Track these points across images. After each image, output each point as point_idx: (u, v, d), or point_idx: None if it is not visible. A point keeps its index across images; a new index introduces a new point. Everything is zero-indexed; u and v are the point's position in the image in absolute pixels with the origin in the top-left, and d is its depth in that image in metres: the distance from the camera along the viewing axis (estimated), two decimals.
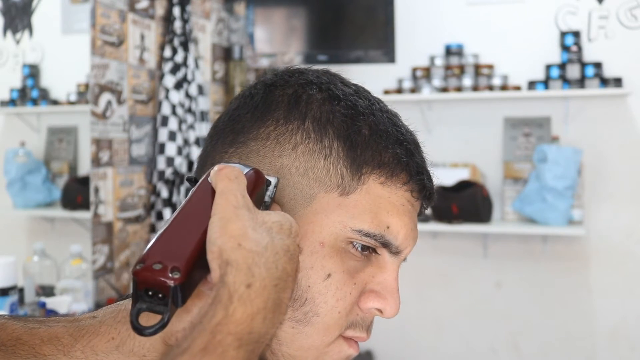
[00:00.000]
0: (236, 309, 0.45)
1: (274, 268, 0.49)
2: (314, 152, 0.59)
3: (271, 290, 0.48)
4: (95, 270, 2.11)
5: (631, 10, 3.03)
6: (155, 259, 0.48)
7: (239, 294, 0.46)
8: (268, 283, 0.48)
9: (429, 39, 3.28)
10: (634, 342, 3.05)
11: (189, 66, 2.47)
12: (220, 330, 0.44)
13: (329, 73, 0.65)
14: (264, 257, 0.48)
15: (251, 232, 0.49)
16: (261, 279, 0.47)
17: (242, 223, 0.49)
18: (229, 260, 0.48)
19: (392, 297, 0.60)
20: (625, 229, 3.06)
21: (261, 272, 0.48)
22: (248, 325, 0.45)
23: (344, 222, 0.58)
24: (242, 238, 0.49)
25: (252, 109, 0.62)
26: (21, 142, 2.20)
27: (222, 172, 0.53)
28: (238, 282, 0.47)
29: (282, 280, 0.49)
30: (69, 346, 0.55)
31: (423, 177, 0.62)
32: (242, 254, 0.48)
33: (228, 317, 0.45)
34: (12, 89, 2.18)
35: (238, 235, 0.49)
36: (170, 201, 2.38)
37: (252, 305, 0.46)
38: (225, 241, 0.48)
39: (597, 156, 3.08)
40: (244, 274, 0.47)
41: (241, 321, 0.45)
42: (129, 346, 0.55)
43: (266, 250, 0.49)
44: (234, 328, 0.45)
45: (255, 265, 0.48)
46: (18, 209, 2.22)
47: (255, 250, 0.48)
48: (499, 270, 3.24)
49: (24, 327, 0.57)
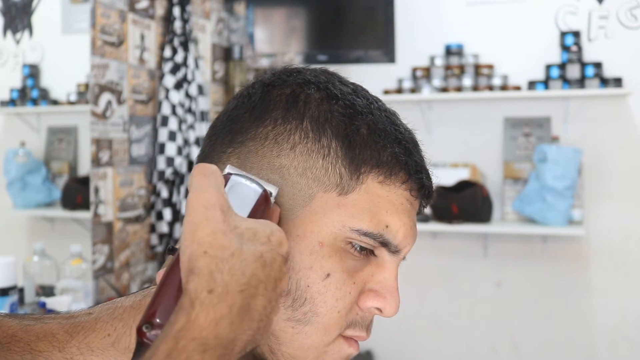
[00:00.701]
0: (198, 315, 0.45)
1: (240, 274, 0.47)
2: (313, 151, 0.59)
3: (236, 296, 0.46)
4: (95, 270, 2.11)
5: (631, 10, 3.03)
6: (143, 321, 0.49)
7: (200, 299, 0.45)
8: (232, 289, 0.46)
9: (429, 39, 3.28)
10: (633, 342, 3.05)
11: (189, 66, 2.47)
12: (183, 335, 0.44)
13: (327, 72, 0.65)
14: (229, 263, 0.47)
15: (220, 237, 0.48)
16: (223, 285, 0.46)
17: (211, 228, 0.48)
18: (192, 268, 0.47)
19: (392, 296, 0.60)
20: (625, 229, 3.06)
21: (224, 278, 0.46)
22: (212, 330, 0.44)
23: (343, 222, 0.58)
24: (209, 245, 0.47)
25: (250, 108, 0.62)
26: (21, 142, 2.20)
27: (197, 168, 0.52)
28: (199, 289, 0.46)
29: (251, 287, 0.47)
30: (65, 342, 0.55)
31: (422, 175, 0.62)
32: (205, 261, 0.47)
33: (190, 322, 0.44)
34: (12, 89, 2.18)
35: (205, 242, 0.47)
36: (170, 201, 2.38)
37: (215, 310, 0.45)
38: (193, 249, 0.47)
39: (597, 156, 3.08)
40: (205, 280, 0.46)
41: (204, 326, 0.44)
42: (125, 343, 0.55)
43: (232, 257, 0.48)
44: (197, 333, 0.44)
45: (218, 271, 0.46)
46: (18, 209, 2.22)
47: (220, 256, 0.47)
48: (499, 270, 3.24)
49: (20, 324, 0.57)
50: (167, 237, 2.40)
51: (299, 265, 0.58)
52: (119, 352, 0.56)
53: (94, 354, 0.55)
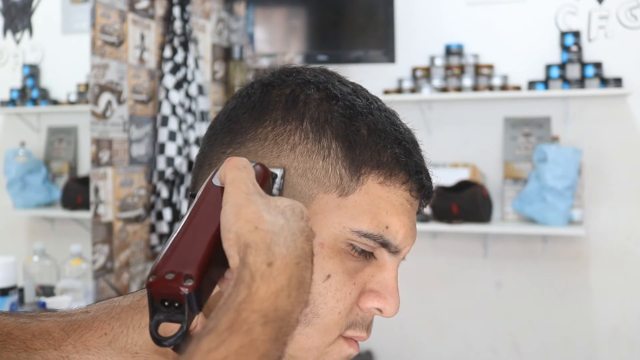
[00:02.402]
0: (259, 287, 0.45)
1: (294, 246, 0.49)
2: (313, 152, 0.59)
3: (293, 268, 0.48)
4: (95, 270, 2.11)
5: (631, 10, 3.03)
6: (167, 268, 0.48)
7: (261, 272, 0.46)
8: (289, 261, 0.48)
9: (429, 39, 3.28)
10: (633, 342, 3.05)
11: (189, 66, 2.47)
12: (244, 308, 0.44)
13: (326, 72, 0.64)
14: (282, 236, 0.49)
15: (266, 214, 0.49)
16: (282, 257, 0.47)
17: (256, 207, 0.50)
18: (247, 243, 0.48)
19: (392, 296, 0.60)
20: (625, 229, 3.06)
21: (281, 250, 0.48)
22: (273, 302, 0.45)
23: (343, 223, 0.58)
24: (258, 221, 0.49)
25: (250, 109, 0.62)
26: (21, 142, 2.20)
27: (230, 163, 0.53)
28: (259, 262, 0.47)
29: (303, 259, 0.49)
30: (60, 340, 0.55)
31: (422, 176, 0.62)
32: (260, 235, 0.48)
33: (251, 295, 0.45)
34: (12, 89, 2.18)
35: (253, 218, 0.49)
36: (170, 201, 2.38)
37: (275, 282, 0.46)
38: (241, 226, 0.48)
39: (597, 156, 3.08)
40: (264, 253, 0.47)
41: (265, 298, 0.45)
42: (122, 342, 0.55)
43: (283, 230, 0.49)
44: (258, 305, 0.45)
45: (275, 244, 0.48)
46: (18, 209, 2.23)
47: (273, 230, 0.49)
48: (499, 270, 3.24)
49: (15, 322, 0.56)
50: (167, 237, 2.40)
51: None
52: (115, 351, 0.55)
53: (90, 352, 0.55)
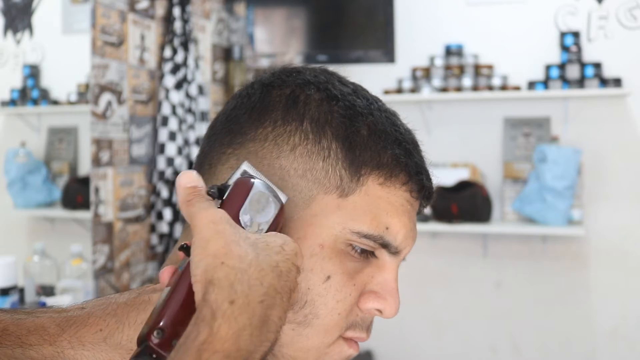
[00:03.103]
0: (221, 326, 0.44)
1: (259, 284, 0.47)
2: (313, 153, 0.59)
3: (256, 307, 0.46)
4: (95, 270, 2.11)
5: (631, 11, 3.03)
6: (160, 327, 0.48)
7: (222, 310, 0.45)
8: (252, 299, 0.46)
9: (429, 39, 3.29)
10: (633, 342, 3.06)
11: (189, 66, 2.47)
12: (206, 348, 0.43)
13: (326, 72, 0.64)
14: (247, 273, 0.47)
15: (234, 247, 0.48)
16: (244, 296, 0.46)
17: (224, 240, 0.48)
18: (211, 279, 0.46)
19: (392, 297, 0.60)
20: (624, 229, 3.07)
21: (244, 289, 0.46)
22: (234, 342, 0.44)
23: (343, 224, 0.58)
24: (225, 256, 0.47)
25: (250, 109, 0.62)
26: (21, 142, 2.20)
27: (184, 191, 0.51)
28: (220, 300, 0.45)
29: (269, 297, 0.47)
30: (56, 336, 0.55)
31: (422, 177, 0.62)
32: (224, 272, 0.46)
33: (213, 335, 0.44)
34: (12, 89, 2.18)
35: (220, 253, 0.47)
36: (170, 201, 2.39)
37: (237, 322, 0.45)
38: (208, 261, 0.47)
39: (596, 156, 3.08)
40: (226, 291, 0.45)
41: (227, 338, 0.44)
42: (117, 339, 0.55)
43: (250, 267, 0.47)
44: (220, 346, 0.43)
45: (238, 282, 0.46)
46: (18, 209, 2.23)
47: (239, 266, 0.47)
48: (499, 270, 3.24)
49: (11, 318, 0.56)
50: (167, 237, 2.40)
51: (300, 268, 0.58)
52: (110, 347, 0.55)
53: (85, 348, 0.55)
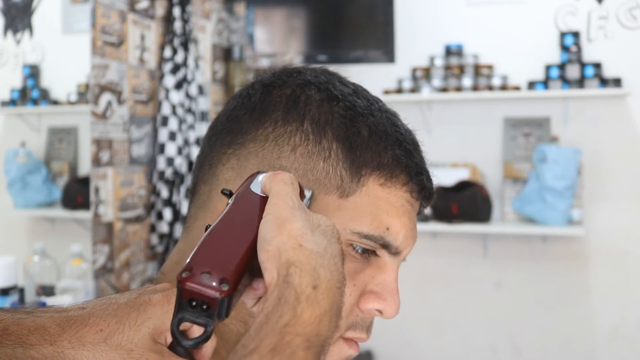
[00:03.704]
0: (304, 310, 0.44)
1: (336, 270, 0.48)
2: (313, 153, 0.59)
3: (336, 293, 0.47)
4: (95, 270, 2.11)
5: (630, 11, 3.03)
6: (203, 268, 0.47)
7: (306, 294, 0.45)
8: (333, 285, 0.47)
9: (429, 39, 3.29)
10: (633, 342, 3.06)
11: (189, 66, 2.47)
12: (288, 331, 0.43)
13: (327, 72, 0.64)
14: (326, 259, 0.48)
15: (310, 233, 0.48)
16: (326, 281, 0.46)
17: (301, 224, 0.48)
18: (291, 261, 0.46)
19: (392, 297, 0.60)
20: (624, 229, 3.07)
21: (326, 274, 0.47)
22: (316, 327, 0.44)
23: (343, 225, 0.58)
24: (302, 238, 0.47)
25: (250, 109, 0.62)
26: (21, 142, 2.20)
27: (278, 177, 0.52)
28: (305, 284, 0.45)
29: (343, 284, 0.48)
30: (56, 336, 0.55)
31: (422, 177, 0.62)
32: (304, 254, 0.47)
33: (296, 317, 0.44)
34: (12, 89, 2.18)
35: (297, 235, 0.47)
36: (170, 201, 2.39)
37: (319, 306, 0.45)
38: (284, 240, 0.47)
39: (596, 156, 3.08)
40: (309, 275, 0.46)
41: (309, 322, 0.44)
42: (117, 339, 0.54)
43: (326, 252, 0.48)
44: (302, 329, 0.44)
45: (320, 267, 0.47)
46: (18, 209, 2.23)
47: (317, 251, 0.47)
48: (499, 270, 3.24)
49: (11, 317, 0.56)
50: (167, 237, 2.40)
51: None
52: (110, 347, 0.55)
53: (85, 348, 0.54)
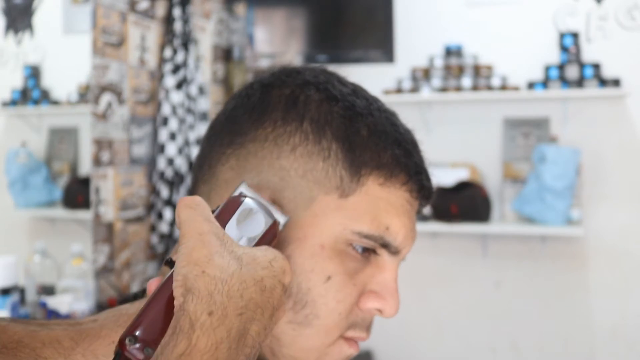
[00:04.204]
0: (199, 338, 0.43)
1: (239, 297, 0.46)
2: (313, 153, 0.59)
3: (234, 320, 0.45)
4: (96, 269, 2.11)
5: (630, 11, 3.04)
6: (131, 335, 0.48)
7: (201, 322, 0.44)
8: (230, 312, 0.45)
9: (429, 39, 3.29)
10: (632, 342, 3.06)
11: (189, 67, 2.47)
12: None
13: (326, 72, 0.64)
14: (228, 284, 0.46)
15: (217, 258, 0.47)
16: (223, 308, 0.45)
17: (208, 250, 0.47)
18: (191, 288, 0.45)
19: (392, 297, 0.60)
20: (623, 229, 3.07)
21: (223, 300, 0.45)
22: (212, 354, 0.43)
23: (343, 224, 0.58)
24: (207, 265, 0.46)
25: (250, 109, 0.62)
26: (22, 143, 2.21)
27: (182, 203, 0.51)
28: (199, 310, 0.44)
29: (249, 310, 0.46)
30: (70, 349, 0.55)
31: (422, 177, 0.62)
32: (204, 281, 0.45)
33: (191, 346, 0.43)
34: (13, 90, 2.19)
35: (202, 262, 0.46)
36: (171, 201, 2.39)
37: (215, 334, 0.44)
38: (189, 269, 0.46)
39: (595, 156, 3.08)
40: (205, 302, 0.45)
41: (205, 350, 0.43)
42: None
43: (231, 278, 0.46)
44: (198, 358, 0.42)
45: (217, 293, 0.45)
46: (19, 208, 2.23)
47: (219, 276, 0.46)
48: (499, 270, 3.24)
49: (25, 329, 0.56)
50: (167, 237, 2.40)
51: (300, 268, 0.58)
52: None
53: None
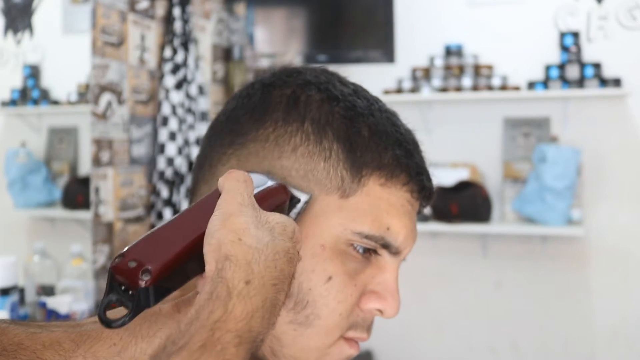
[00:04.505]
0: (235, 306, 0.44)
1: (273, 267, 0.47)
2: (314, 154, 0.59)
3: (269, 289, 0.46)
4: (95, 270, 2.11)
5: (630, 11, 3.03)
6: (132, 256, 0.48)
7: (238, 290, 0.45)
8: (267, 281, 0.46)
9: (429, 39, 3.29)
10: (633, 342, 3.06)
11: (189, 66, 2.47)
12: (219, 327, 0.43)
13: (326, 72, 0.64)
14: (264, 254, 0.47)
15: (253, 228, 0.48)
16: (260, 277, 0.46)
17: (245, 218, 0.49)
18: (228, 255, 0.46)
19: (393, 297, 0.60)
20: (624, 229, 3.07)
21: (260, 270, 0.46)
22: (247, 323, 0.44)
23: (344, 225, 0.58)
24: (243, 233, 0.47)
25: (250, 109, 0.62)
26: (22, 142, 2.20)
27: (232, 174, 0.52)
28: (237, 278, 0.45)
29: (280, 281, 0.47)
30: (71, 351, 0.55)
31: (422, 177, 0.62)
32: (242, 249, 0.47)
33: (227, 313, 0.43)
34: (12, 89, 2.18)
35: (239, 229, 0.48)
36: (171, 201, 2.39)
37: (252, 302, 0.45)
38: (225, 234, 0.47)
39: (596, 156, 3.08)
40: (243, 270, 0.46)
41: (241, 318, 0.43)
42: (131, 352, 0.55)
43: (267, 248, 0.48)
44: (233, 325, 0.43)
45: (255, 262, 0.46)
46: (19, 209, 2.23)
47: (256, 247, 0.47)
48: (499, 270, 3.24)
49: (26, 331, 0.56)
50: None
51: (301, 269, 0.58)
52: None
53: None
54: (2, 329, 0.56)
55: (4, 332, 0.56)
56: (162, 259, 0.48)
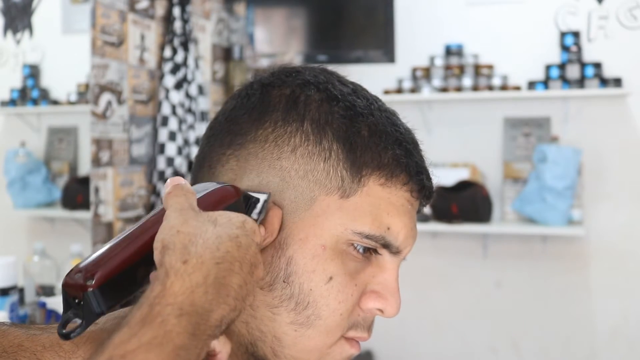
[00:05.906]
0: (173, 283, 0.46)
1: (215, 248, 0.49)
2: (314, 154, 0.59)
3: (211, 267, 0.48)
4: None
5: (631, 11, 3.03)
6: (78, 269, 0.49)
7: (175, 269, 0.47)
8: (207, 260, 0.48)
9: (429, 39, 3.29)
10: (633, 342, 3.06)
11: (189, 66, 2.47)
12: (158, 302, 0.45)
13: (326, 72, 0.64)
14: (203, 238, 0.49)
15: (192, 220, 0.50)
16: (198, 256, 0.48)
17: (184, 217, 0.50)
18: (167, 245, 0.48)
19: (393, 296, 0.60)
20: (624, 229, 3.07)
21: (197, 250, 0.48)
22: (188, 296, 0.45)
23: (344, 225, 0.58)
24: (182, 226, 0.49)
25: (249, 110, 0.62)
26: (21, 142, 2.20)
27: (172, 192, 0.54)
28: (174, 260, 0.47)
29: (227, 262, 0.49)
30: (71, 353, 0.55)
31: (422, 176, 0.62)
32: (179, 238, 0.49)
33: (165, 290, 0.45)
34: (12, 89, 2.18)
35: (178, 224, 0.50)
36: None
37: (190, 278, 0.46)
38: (166, 233, 0.49)
39: (596, 156, 3.08)
40: (179, 252, 0.48)
41: (179, 293, 0.45)
42: None
43: (206, 233, 0.49)
44: (172, 299, 0.45)
45: (192, 245, 0.48)
46: (18, 209, 2.23)
47: (194, 232, 0.49)
48: (499, 270, 3.24)
49: (26, 333, 0.56)
50: None
51: (302, 269, 0.58)
52: None
53: None
54: (2, 331, 0.56)
55: (4, 334, 0.56)
56: (107, 265, 0.49)
